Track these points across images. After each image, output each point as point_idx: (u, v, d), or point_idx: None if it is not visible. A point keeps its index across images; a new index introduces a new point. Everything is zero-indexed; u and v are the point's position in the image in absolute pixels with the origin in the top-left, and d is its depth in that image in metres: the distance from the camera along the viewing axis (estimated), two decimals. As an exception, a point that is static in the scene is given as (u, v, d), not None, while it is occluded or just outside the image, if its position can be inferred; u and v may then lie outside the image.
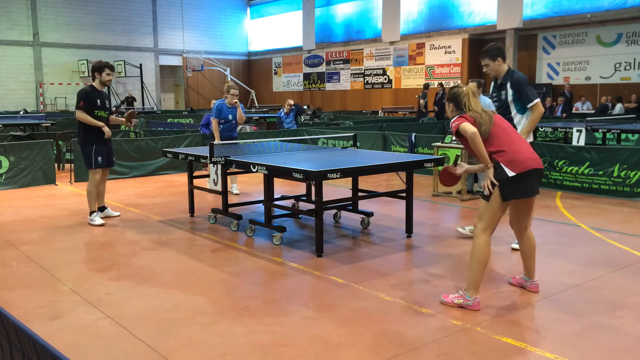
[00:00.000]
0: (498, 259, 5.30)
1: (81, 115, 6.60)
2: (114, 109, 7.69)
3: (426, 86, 19.18)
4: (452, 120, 4.06)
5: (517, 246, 5.48)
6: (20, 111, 21.58)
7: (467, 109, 4.06)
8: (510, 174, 3.89)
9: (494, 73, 5.27)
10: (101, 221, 6.66)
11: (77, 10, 27.35)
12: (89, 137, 6.67)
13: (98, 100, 6.70)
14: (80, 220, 6.97)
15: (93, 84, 6.77)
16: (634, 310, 3.99)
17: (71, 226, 6.68)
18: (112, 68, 6.82)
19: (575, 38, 20.13)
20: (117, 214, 7.21)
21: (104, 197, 7.14)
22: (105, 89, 6.91)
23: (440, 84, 20.06)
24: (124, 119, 7.19)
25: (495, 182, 3.94)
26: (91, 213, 6.72)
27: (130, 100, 27.10)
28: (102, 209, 7.03)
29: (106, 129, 6.63)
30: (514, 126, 5.11)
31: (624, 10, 18.43)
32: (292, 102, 13.53)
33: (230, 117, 8.48)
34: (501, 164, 3.93)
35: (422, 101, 18.36)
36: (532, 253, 4.35)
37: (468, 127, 3.91)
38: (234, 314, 3.97)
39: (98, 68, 6.70)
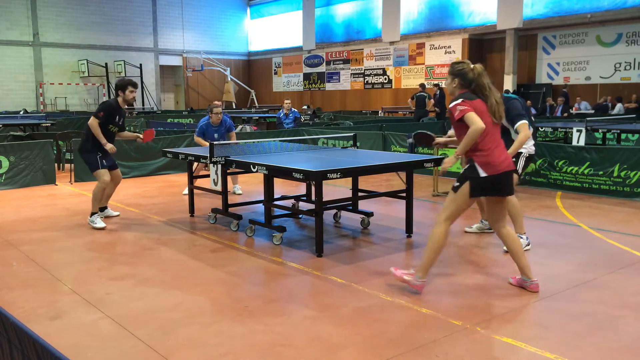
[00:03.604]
0: (499, 260, 5.30)
1: (94, 124, 6.52)
2: None
3: (423, 86, 19.12)
4: (457, 103, 4.03)
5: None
6: (20, 111, 21.58)
7: (488, 90, 4.12)
8: (482, 174, 4.08)
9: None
10: (102, 224, 6.56)
11: (77, 10, 27.36)
12: (93, 146, 6.60)
13: (117, 117, 6.69)
14: (81, 220, 6.97)
15: (118, 99, 6.69)
16: (634, 310, 3.99)
17: (71, 226, 6.68)
18: (135, 85, 6.74)
19: (575, 38, 20.14)
20: (117, 213, 7.20)
21: (110, 198, 7.12)
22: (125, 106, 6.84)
23: (436, 85, 20.06)
24: (140, 136, 7.04)
25: (446, 167, 4.25)
26: (92, 214, 6.65)
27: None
28: (102, 209, 7.04)
29: (109, 146, 6.56)
30: None
31: (624, 10, 18.44)
32: (289, 101, 13.51)
33: (216, 136, 8.49)
34: (475, 164, 4.10)
35: (431, 100, 18.26)
36: (518, 249, 4.34)
37: (478, 121, 3.93)
38: (234, 314, 3.97)
39: (121, 86, 6.63)
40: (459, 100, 4.05)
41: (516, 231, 5.47)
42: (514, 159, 5.50)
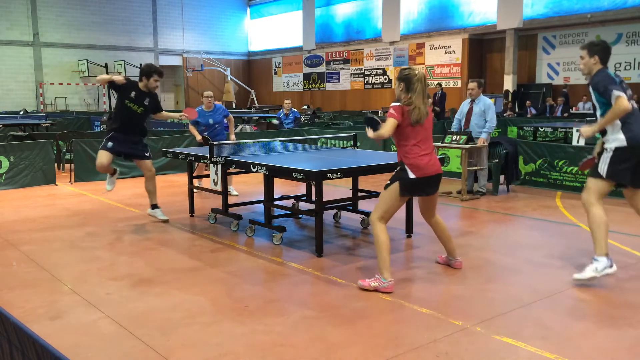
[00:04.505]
0: (498, 259, 5.29)
1: (104, 77, 6.47)
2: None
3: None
4: (393, 106, 4.39)
5: (579, 276, 4.54)
6: (20, 111, 21.58)
7: (414, 93, 4.35)
8: (412, 176, 4.41)
9: (586, 70, 4.74)
10: (109, 188, 6.91)
11: (77, 10, 27.35)
12: (111, 126, 6.63)
13: (133, 93, 6.48)
14: (81, 220, 6.98)
15: (138, 82, 6.62)
16: (634, 311, 3.99)
17: (71, 226, 6.68)
18: (161, 74, 6.64)
19: (575, 38, 20.13)
20: (165, 218, 6.90)
21: (155, 195, 6.89)
22: (151, 92, 6.65)
23: (439, 84, 20.06)
24: (182, 115, 6.94)
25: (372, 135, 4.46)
26: (111, 174, 6.95)
27: None
28: (153, 206, 6.88)
29: (117, 77, 6.39)
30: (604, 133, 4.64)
31: (624, 10, 18.43)
32: (289, 102, 13.53)
33: (210, 121, 8.50)
34: (406, 166, 4.42)
35: (429, 100, 18.31)
36: (446, 235, 4.90)
37: (387, 129, 4.34)
38: (234, 314, 3.97)
39: (147, 73, 6.54)
40: (397, 104, 4.39)
41: (595, 252, 4.57)
42: (597, 161, 4.67)
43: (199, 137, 8.42)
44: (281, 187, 8.87)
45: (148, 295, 4.36)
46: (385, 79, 26.06)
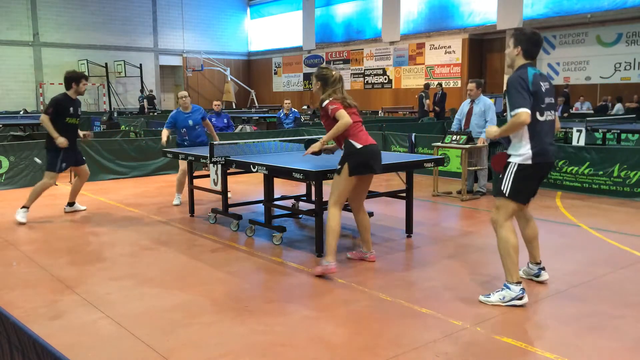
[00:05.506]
0: (498, 260, 5.29)
1: (44, 120, 6.73)
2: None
3: (427, 86, 19.20)
4: (328, 103, 4.70)
5: (484, 299, 4.13)
6: (20, 111, 21.58)
7: (341, 93, 4.78)
8: (359, 146, 4.67)
9: (508, 61, 4.20)
10: (23, 220, 6.74)
11: (77, 10, 27.35)
12: (56, 144, 6.76)
13: (71, 109, 6.85)
14: (80, 220, 6.98)
15: (67, 92, 6.87)
16: (634, 310, 3.99)
17: (71, 226, 6.68)
18: (86, 78, 7.01)
19: (575, 38, 20.13)
20: (84, 208, 7.50)
21: (77, 194, 7.45)
22: (78, 97, 7.04)
23: (439, 84, 20.06)
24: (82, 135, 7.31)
25: (313, 150, 4.89)
26: (23, 207, 6.84)
27: (150, 98, 27.06)
28: (71, 204, 7.39)
29: (60, 140, 6.69)
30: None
31: (624, 10, 18.43)
32: (289, 102, 13.54)
33: (190, 122, 7.88)
34: (349, 139, 4.70)
35: (427, 101, 18.34)
36: (368, 227, 5.14)
37: (345, 116, 4.62)
38: (234, 314, 3.97)
39: (75, 78, 6.82)
40: (329, 100, 4.73)
41: (506, 279, 4.15)
42: (500, 176, 4.16)
43: (164, 139, 7.72)
44: (281, 187, 8.86)
45: (148, 295, 4.36)
46: (386, 79, 26.06)
